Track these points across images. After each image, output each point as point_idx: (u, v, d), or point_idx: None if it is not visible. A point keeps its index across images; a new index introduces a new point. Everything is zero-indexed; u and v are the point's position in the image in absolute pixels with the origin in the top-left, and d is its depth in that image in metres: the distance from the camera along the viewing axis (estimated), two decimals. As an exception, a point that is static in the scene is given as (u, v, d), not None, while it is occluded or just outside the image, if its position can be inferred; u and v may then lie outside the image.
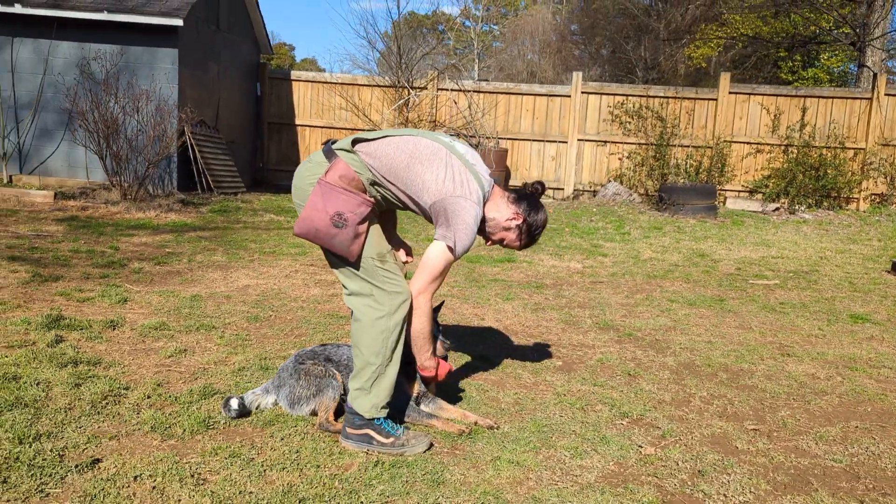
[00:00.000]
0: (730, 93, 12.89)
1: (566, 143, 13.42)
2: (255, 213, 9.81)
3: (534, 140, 13.54)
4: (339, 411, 3.08)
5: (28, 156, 10.71)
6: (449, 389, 3.51)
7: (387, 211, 3.13)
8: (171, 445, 2.79)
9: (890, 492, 2.67)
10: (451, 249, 2.80)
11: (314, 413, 3.11)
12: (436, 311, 3.32)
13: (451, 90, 13.54)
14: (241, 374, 3.62)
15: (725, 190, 12.96)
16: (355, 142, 2.91)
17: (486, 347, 4.34)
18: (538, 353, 4.30)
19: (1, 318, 4.24)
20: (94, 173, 10.44)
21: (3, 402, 3.00)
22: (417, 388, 3.20)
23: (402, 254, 3.24)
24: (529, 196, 3.09)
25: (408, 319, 2.91)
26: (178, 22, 10.09)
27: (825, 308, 5.78)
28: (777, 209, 12.30)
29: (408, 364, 3.06)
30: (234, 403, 3.05)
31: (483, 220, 2.97)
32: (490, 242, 3.12)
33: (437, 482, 2.59)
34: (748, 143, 12.94)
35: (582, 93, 13.29)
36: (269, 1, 67.80)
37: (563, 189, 13.50)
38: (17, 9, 10.18)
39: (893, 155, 12.56)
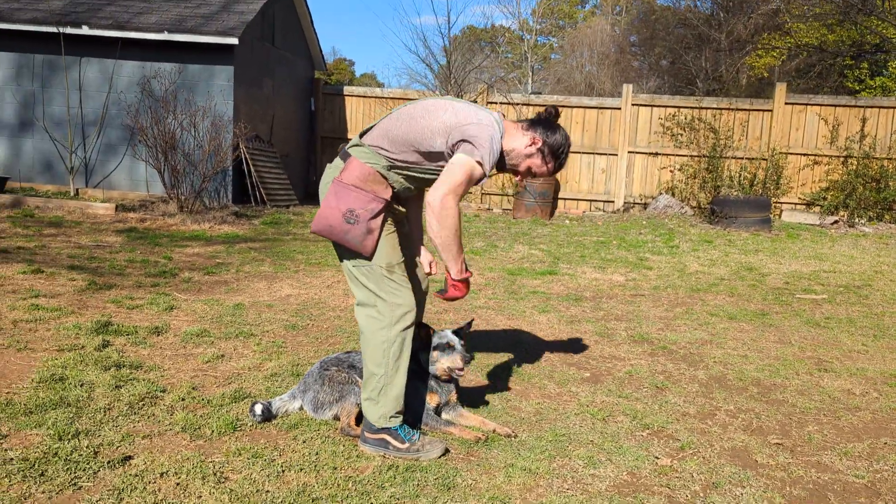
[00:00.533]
0: (786, 103, 12.61)
1: (616, 155, 13.33)
2: (305, 225, 10.06)
3: (584, 153, 13.49)
4: (362, 416, 3.17)
5: (93, 170, 11.24)
6: (472, 398, 3.57)
7: (415, 199, 3.21)
8: (199, 445, 2.93)
9: (910, 510, 2.61)
10: (477, 163, 2.80)
11: (336, 418, 3.21)
12: (464, 329, 3.37)
13: (500, 103, 13.63)
14: (272, 379, 3.75)
15: (781, 202, 12.65)
16: (362, 134, 3.02)
17: (514, 358, 4.38)
18: (566, 364, 4.31)
19: (55, 323, 4.49)
20: (153, 186, 10.89)
21: (48, 402, 3.20)
22: (438, 398, 3.26)
23: (424, 261, 3.33)
24: (543, 121, 3.05)
25: (412, 332, 2.99)
26: (234, 41, 10.47)
27: (873, 324, 5.62)
28: (836, 222, 11.94)
29: (425, 373, 3.14)
30: (258, 409, 3.17)
31: (503, 156, 2.98)
32: (520, 177, 3.10)
33: (447, 486, 2.65)
34: (805, 154, 12.62)
35: (632, 105, 13.20)
36: (329, 18, 69.31)
37: (613, 202, 13.41)
38: (85, 30, 10.73)
39: (960, 166, 12.06)
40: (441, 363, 3.20)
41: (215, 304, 5.31)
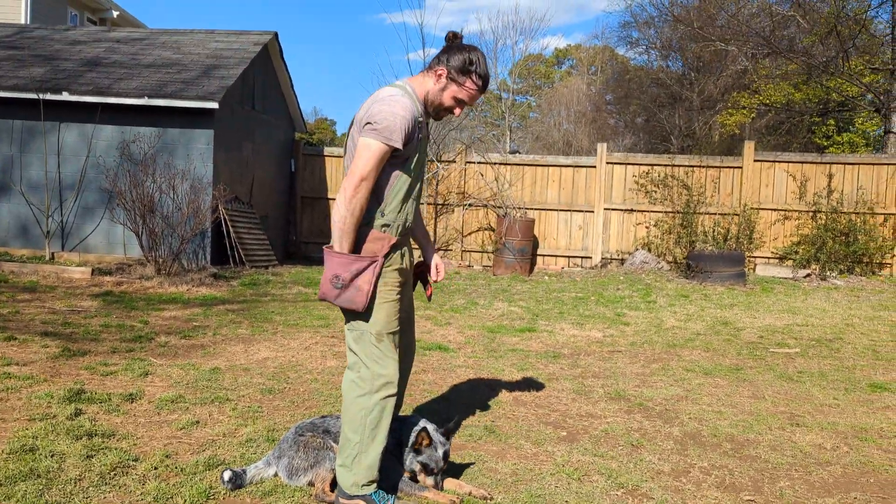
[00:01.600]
0: (755, 161, 12.96)
1: (593, 212, 13.55)
2: (284, 285, 10.07)
3: (560, 210, 13.71)
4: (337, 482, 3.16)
5: (70, 233, 11.22)
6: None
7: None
8: (171, 515, 2.90)
9: (880, 565, 2.64)
10: (381, 140, 2.83)
11: (311, 484, 3.20)
12: (451, 431, 3.34)
13: (479, 163, 13.88)
14: (247, 445, 3.73)
15: (755, 257, 12.88)
16: None
17: (492, 418, 4.39)
18: (543, 423, 4.33)
19: (27, 392, 4.44)
20: (130, 249, 10.88)
21: (17, 473, 3.16)
22: (433, 480, 3.23)
23: (433, 266, 3.39)
24: (443, 50, 3.05)
25: (392, 402, 3.00)
26: (214, 105, 10.64)
27: (844, 377, 5.70)
28: (808, 275, 12.16)
29: (398, 446, 3.15)
30: (227, 475, 3.14)
31: (426, 106, 3.02)
32: (458, 111, 3.08)
33: (421, 552, 2.64)
34: (776, 209, 12.92)
35: (607, 163, 13.49)
36: (309, 78, 70.48)
37: (591, 258, 13.57)
38: (65, 96, 10.86)
39: (925, 219, 12.40)
40: (419, 476, 3.19)
41: (191, 368, 5.29)
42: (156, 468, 3.34)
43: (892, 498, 3.26)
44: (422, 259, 3.44)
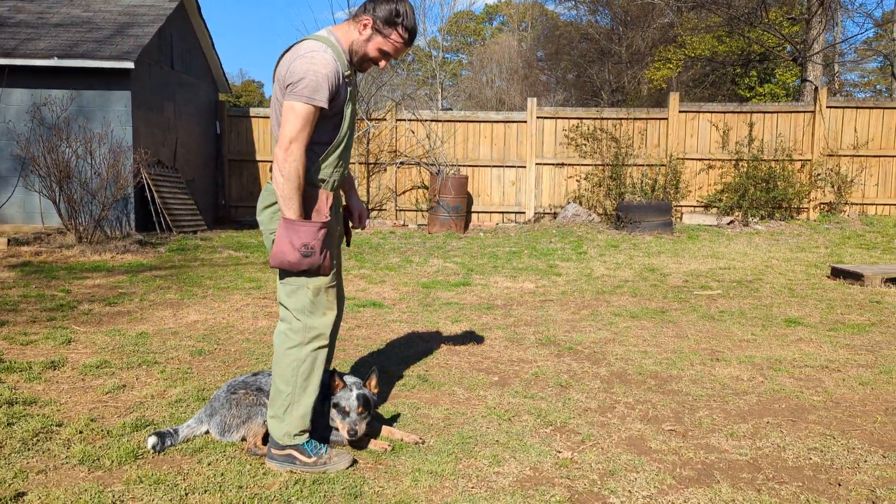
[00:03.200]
0: (680, 112, 13.24)
1: (525, 167, 13.65)
2: (214, 250, 9.87)
3: (493, 166, 13.76)
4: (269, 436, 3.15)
5: (-17, 204, 10.70)
6: (382, 409, 3.60)
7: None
8: (98, 476, 2.85)
9: (787, 480, 2.80)
10: (304, 101, 2.77)
11: (244, 439, 3.18)
12: (368, 394, 3.23)
13: (409, 120, 13.77)
14: (177, 405, 3.67)
15: (682, 206, 13.25)
16: None
17: (426, 368, 4.43)
18: (476, 370, 4.40)
19: (-59, 364, 4.26)
20: (49, 218, 10.44)
21: (-68, 444, 3.04)
22: (348, 426, 3.20)
23: (354, 214, 3.35)
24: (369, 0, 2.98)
25: (324, 353, 2.99)
26: (130, 65, 10.21)
27: (762, 314, 5.96)
28: (731, 222, 12.60)
29: (325, 399, 3.15)
30: (151, 442, 3.08)
31: (351, 56, 2.96)
32: (382, 63, 3.00)
33: (354, 495, 2.68)
34: (700, 159, 13.28)
35: (537, 118, 13.57)
36: (233, 40, 68.24)
37: (524, 212, 13.71)
38: (-31, 59, 10.24)
39: (839, 165, 12.96)
40: (335, 422, 3.17)
41: (117, 334, 5.16)
42: (81, 432, 3.27)
43: (801, 420, 3.46)
44: (345, 204, 3.41)
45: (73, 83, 10.47)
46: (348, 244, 3.47)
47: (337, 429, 3.15)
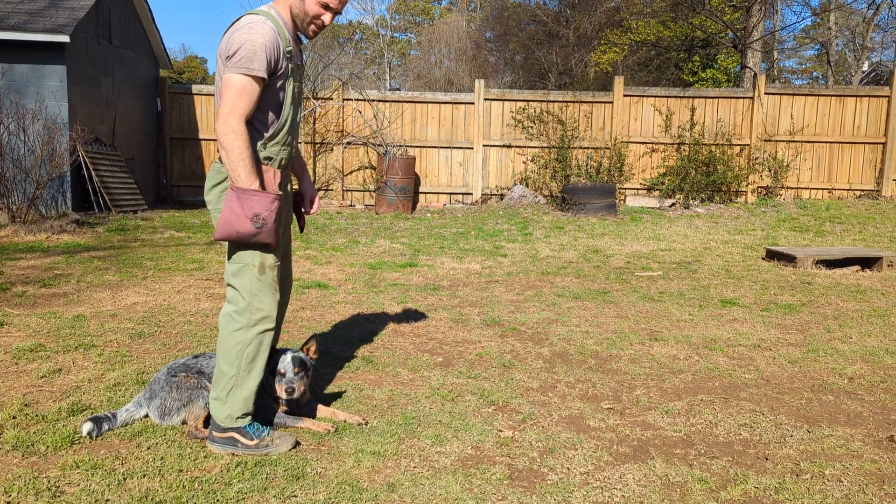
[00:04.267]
0: (624, 95, 13.43)
1: (472, 148, 13.69)
2: (155, 230, 9.64)
3: (441, 147, 13.75)
4: (210, 420, 3.12)
5: None
6: (326, 391, 3.60)
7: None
8: (32, 462, 2.79)
9: (718, 455, 2.92)
10: (243, 72, 2.76)
11: (184, 422, 3.15)
12: (306, 357, 3.25)
13: (356, 100, 13.64)
14: (115, 389, 3.61)
15: (625, 188, 13.49)
16: None
17: (370, 349, 4.45)
18: (420, 350, 4.43)
19: None
20: (-20, 197, 10.03)
21: None
22: (284, 406, 3.24)
23: (307, 198, 3.34)
24: None
25: (270, 336, 2.98)
26: (65, 38, 9.84)
27: (699, 295, 6.15)
28: (673, 205, 12.89)
29: (270, 386, 3.14)
30: (86, 428, 3.02)
31: (296, 24, 2.95)
32: (328, 18, 2.97)
33: (296, 477, 2.68)
34: (644, 143, 13.52)
35: (485, 100, 13.59)
36: (175, 14, 66.27)
37: (471, 194, 13.76)
38: None
39: (776, 150, 13.35)
40: (276, 389, 3.18)
41: (52, 317, 5.02)
42: (14, 417, 3.19)
43: (733, 398, 3.60)
44: (297, 189, 3.39)
45: (5, 56, 10.03)
46: (301, 229, 3.45)
47: (278, 398, 3.16)
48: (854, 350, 4.49)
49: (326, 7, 2.94)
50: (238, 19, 2.88)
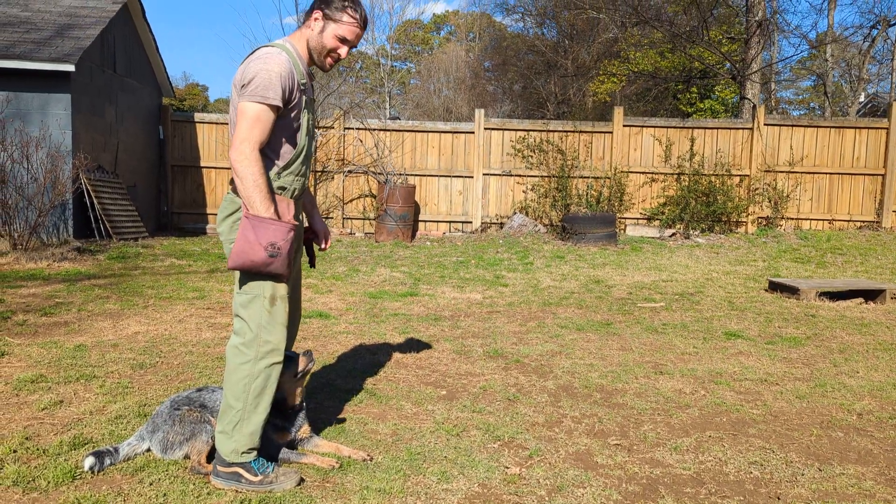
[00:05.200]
0: (624, 126, 13.52)
1: (472, 177, 13.73)
2: (156, 258, 9.63)
3: (441, 175, 13.80)
4: (213, 455, 3.08)
5: None
6: (329, 425, 3.56)
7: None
8: (33, 499, 2.74)
9: (729, 494, 2.88)
10: (258, 101, 2.78)
11: (187, 457, 3.11)
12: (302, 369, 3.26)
13: (357, 129, 13.71)
14: (117, 422, 3.57)
15: (626, 218, 13.51)
16: None
17: (373, 381, 4.41)
18: (424, 383, 4.40)
19: None
20: (-18, 224, 10.02)
21: None
22: (288, 435, 3.22)
23: (320, 234, 3.35)
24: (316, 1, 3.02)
25: (278, 369, 2.95)
26: (70, 67, 9.91)
27: (703, 327, 6.12)
28: (673, 234, 12.90)
29: (277, 415, 3.11)
30: (87, 463, 2.98)
31: (312, 57, 2.99)
32: (343, 51, 3.00)
33: (301, 516, 2.64)
34: (644, 172, 13.58)
35: (485, 129, 13.68)
36: (178, 44, 66.95)
37: (471, 222, 13.78)
38: None
39: (775, 180, 13.41)
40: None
41: (53, 346, 4.98)
42: (14, 451, 3.15)
43: (742, 434, 3.56)
44: (308, 225, 3.39)
45: (10, 84, 10.10)
46: (312, 265, 3.45)
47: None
48: (861, 385, 4.46)
49: (344, 40, 2.99)
50: (254, 51, 2.92)
